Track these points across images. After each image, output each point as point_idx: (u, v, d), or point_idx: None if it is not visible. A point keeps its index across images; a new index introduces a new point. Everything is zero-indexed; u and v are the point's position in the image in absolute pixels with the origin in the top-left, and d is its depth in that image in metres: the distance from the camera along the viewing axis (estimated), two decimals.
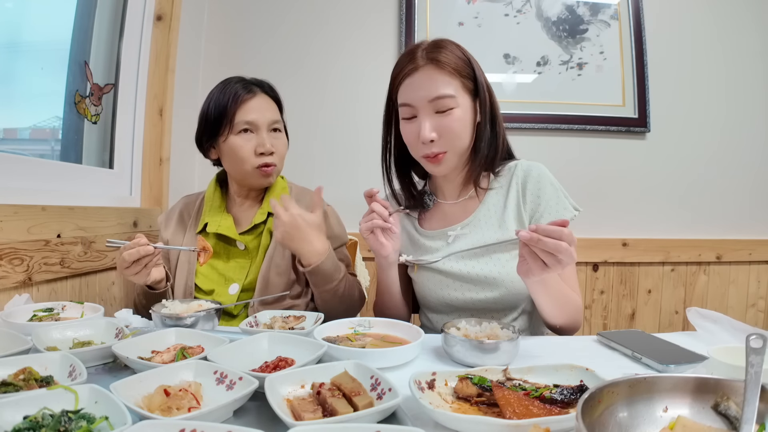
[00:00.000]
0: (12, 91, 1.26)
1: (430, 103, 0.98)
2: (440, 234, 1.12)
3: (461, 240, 1.09)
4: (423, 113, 0.99)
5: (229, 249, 1.21)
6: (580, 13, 2.05)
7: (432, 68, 0.98)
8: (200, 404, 0.55)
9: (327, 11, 2.01)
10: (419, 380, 0.60)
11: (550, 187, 1.07)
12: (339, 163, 1.98)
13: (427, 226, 1.16)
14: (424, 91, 0.98)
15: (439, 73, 0.98)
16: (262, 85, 1.21)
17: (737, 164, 2.10)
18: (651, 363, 0.75)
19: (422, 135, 0.98)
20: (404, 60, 1.02)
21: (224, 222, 1.20)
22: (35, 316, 0.91)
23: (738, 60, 2.11)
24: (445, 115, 0.99)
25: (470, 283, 1.06)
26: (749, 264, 2.11)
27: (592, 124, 2.03)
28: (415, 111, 1.01)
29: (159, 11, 1.64)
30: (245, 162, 1.15)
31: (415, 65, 0.99)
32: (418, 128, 1.00)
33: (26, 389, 0.55)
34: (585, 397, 0.44)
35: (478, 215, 1.10)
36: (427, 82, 0.98)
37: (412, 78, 1.00)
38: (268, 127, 1.17)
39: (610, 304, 2.06)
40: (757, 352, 0.47)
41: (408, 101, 1.01)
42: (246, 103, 1.14)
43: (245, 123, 1.14)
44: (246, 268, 1.18)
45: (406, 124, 1.04)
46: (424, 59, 0.99)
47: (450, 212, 1.14)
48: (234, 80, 1.18)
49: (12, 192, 1.07)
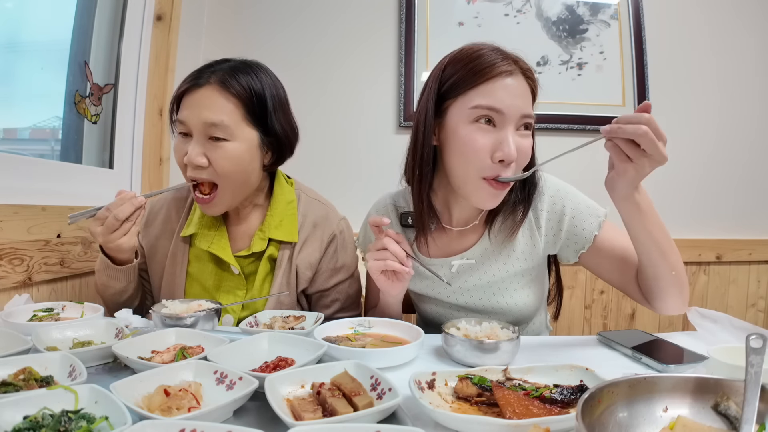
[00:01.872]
0: (12, 91, 1.26)
1: (520, 119, 0.86)
2: (442, 263, 1.00)
3: (467, 271, 0.99)
4: (510, 125, 0.85)
5: (220, 274, 1.06)
6: (580, 13, 2.05)
7: (524, 80, 0.87)
8: (200, 404, 0.55)
9: (327, 11, 2.01)
10: (419, 380, 0.60)
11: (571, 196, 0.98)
12: (339, 163, 1.98)
13: (427, 252, 1.02)
14: (519, 101, 0.85)
15: (527, 89, 0.88)
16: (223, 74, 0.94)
17: (737, 164, 2.10)
18: (651, 363, 0.75)
19: (507, 151, 0.82)
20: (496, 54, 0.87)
21: (218, 240, 1.03)
22: (35, 316, 0.91)
23: (737, 60, 2.11)
24: (525, 137, 0.87)
25: (478, 313, 1.02)
26: (749, 264, 2.11)
27: (592, 124, 2.03)
28: (500, 119, 0.84)
29: (159, 11, 1.64)
30: (181, 171, 0.97)
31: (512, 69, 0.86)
32: (498, 141, 0.83)
33: (26, 389, 0.55)
34: (585, 397, 0.44)
35: (484, 244, 0.99)
36: (522, 93, 0.86)
37: (506, 81, 0.85)
38: (203, 131, 0.92)
39: (610, 304, 2.06)
40: (757, 352, 0.47)
41: (499, 107, 0.84)
42: (185, 96, 0.94)
43: (178, 123, 0.95)
44: (241, 299, 1.04)
45: (479, 131, 0.85)
46: (519, 68, 0.87)
47: (454, 239, 1.01)
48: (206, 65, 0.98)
49: (12, 192, 1.07)
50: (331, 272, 1.08)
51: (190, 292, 1.07)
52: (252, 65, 1.00)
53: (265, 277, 1.06)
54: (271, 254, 1.05)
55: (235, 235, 1.07)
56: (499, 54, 0.86)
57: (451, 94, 0.88)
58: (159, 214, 1.12)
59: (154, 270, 1.10)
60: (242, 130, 0.95)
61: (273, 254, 1.06)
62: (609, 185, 0.78)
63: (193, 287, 1.07)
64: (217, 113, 0.92)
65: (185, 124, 0.94)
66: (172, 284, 1.07)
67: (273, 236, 1.04)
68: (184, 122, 0.94)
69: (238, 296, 1.05)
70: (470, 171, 0.87)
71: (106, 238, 0.90)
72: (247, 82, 0.95)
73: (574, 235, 0.97)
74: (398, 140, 1.99)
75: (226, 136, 0.93)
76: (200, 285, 1.07)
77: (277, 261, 1.06)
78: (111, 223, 0.89)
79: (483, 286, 1.00)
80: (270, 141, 1.00)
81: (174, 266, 1.07)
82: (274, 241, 1.05)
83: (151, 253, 1.10)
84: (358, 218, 1.22)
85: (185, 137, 0.96)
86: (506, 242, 0.98)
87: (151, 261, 1.11)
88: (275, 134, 1.00)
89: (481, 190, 0.87)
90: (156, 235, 1.10)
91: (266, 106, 0.97)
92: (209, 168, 0.94)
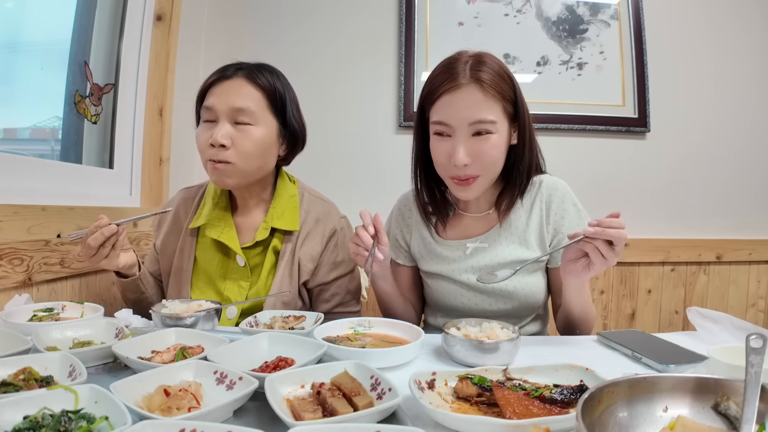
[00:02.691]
0: (12, 90, 1.26)
1: (469, 126, 0.93)
2: (458, 245, 1.09)
3: (479, 253, 1.07)
4: (459, 135, 0.94)
5: (226, 262, 1.10)
6: (580, 13, 2.06)
7: (475, 89, 0.92)
8: (200, 404, 0.55)
9: (326, 11, 2.01)
10: (419, 380, 0.60)
11: (573, 209, 1.06)
12: (339, 163, 1.98)
13: (444, 235, 1.12)
14: (464, 112, 0.92)
15: (482, 95, 0.92)
16: (250, 70, 1.05)
17: (737, 164, 2.10)
18: (651, 363, 0.75)
19: (456, 158, 0.93)
20: (443, 75, 0.95)
21: (227, 231, 1.09)
22: (35, 316, 0.91)
23: (738, 60, 2.11)
24: (482, 139, 0.94)
25: (486, 295, 1.06)
26: (749, 264, 2.11)
27: (592, 124, 2.03)
28: (450, 131, 0.95)
29: (159, 11, 1.64)
30: (201, 155, 1.04)
31: (456, 83, 0.92)
32: (452, 149, 0.94)
33: (26, 389, 0.55)
34: (585, 397, 0.44)
35: (499, 230, 1.07)
36: (468, 104, 0.92)
37: (452, 95, 0.93)
38: (230, 116, 1.00)
39: (610, 304, 2.06)
40: (757, 352, 0.47)
41: (444, 120, 0.95)
42: (213, 86, 1.03)
43: (205, 110, 1.03)
44: (245, 290, 1.08)
45: (438, 141, 0.98)
46: (467, 77, 0.92)
47: (470, 224, 1.11)
48: (230, 63, 1.08)
49: (12, 192, 1.07)
50: (332, 266, 1.12)
51: (197, 285, 1.11)
52: (271, 67, 1.11)
53: (270, 270, 1.09)
54: (275, 246, 1.10)
55: (240, 228, 1.12)
56: (447, 72, 0.95)
57: (426, 107, 1.01)
58: (169, 213, 1.18)
59: (164, 266, 1.15)
60: (265, 117, 1.04)
61: (277, 246, 1.10)
62: (572, 274, 0.89)
63: (200, 278, 1.11)
64: (244, 99, 1.01)
65: (213, 109, 1.01)
66: (180, 276, 1.11)
67: (275, 225, 1.08)
68: (211, 108, 1.01)
69: (243, 287, 1.09)
70: (441, 172, 1.02)
71: (88, 261, 0.96)
72: (269, 77, 1.06)
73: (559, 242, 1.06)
74: (398, 140, 1.99)
75: (251, 120, 1.02)
76: (206, 276, 1.11)
77: (280, 253, 1.10)
78: (86, 250, 0.94)
79: (493, 267, 1.05)
80: (286, 133, 1.09)
81: (182, 260, 1.12)
82: (277, 232, 1.10)
83: (162, 249, 1.16)
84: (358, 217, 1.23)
85: (210, 124, 1.02)
86: (518, 230, 1.07)
87: (162, 257, 1.16)
88: (291, 127, 1.09)
89: (451, 186, 1.02)
90: (166, 232, 1.16)
91: (285, 100, 1.08)
92: (231, 150, 1.00)
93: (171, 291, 1.12)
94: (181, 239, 1.13)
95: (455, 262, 1.08)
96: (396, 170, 1.98)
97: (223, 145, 0.99)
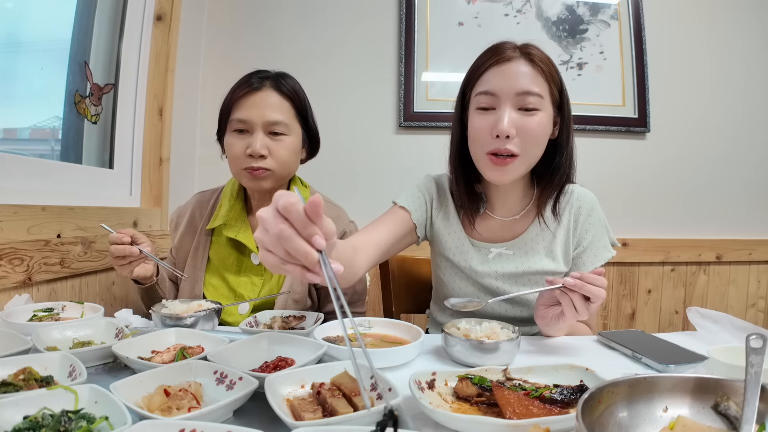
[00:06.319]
0: (12, 91, 1.26)
1: (516, 97, 0.90)
2: (483, 246, 1.05)
3: (503, 260, 1.04)
4: (504, 106, 0.90)
5: (241, 260, 1.15)
6: (580, 13, 2.05)
7: (524, 62, 0.91)
8: (200, 404, 0.55)
9: (326, 11, 2.01)
10: (419, 380, 0.60)
11: (599, 224, 1.05)
12: (338, 163, 1.98)
13: (470, 233, 1.08)
14: (513, 81, 0.89)
15: (531, 69, 0.91)
16: (275, 80, 1.10)
17: (737, 164, 2.10)
18: (651, 363, 0.75)
19: (500, 126, 0.88)
20: (490, 52, 0.94)
21: (244, 230, 1.14)
22: (35, 316, 0.91)
23: (738, 60, 2.11)
24: (529, 115, 0.90)
25: (505, 300, 1.04)
26: (749, 264, 2.11)
27: (592, 124, 2.03)
28: (495, 101, 0.91)
29: (159, 11, 1.64)
30: (235, 163, 1.09)
31: (506, 56, 0.91)
32: (495, 120, 0.90)
33: (26, 389, 0.55)
34: (585, 397, 0.44)
35: (526, 239, 1.04)
36: (517, 74, 0.90)
37: (500, 67, 0.91)
38: (265, 127, 1.07)
39: (610, 304, 2.06)
40: (757, 352, 0.47)
41: (491, 89, 0.91)
42: (243, 99, 1.07)
43: (238, 122, 1.07)
44: (258, 287, 1.12)
45: (479, 115, 0.93)
46: (516, 52, 0.92)
47: (496, 228, 1.07)
48: (251, 73, 1.11)
49: (12, 192, 1.07)
50: None
51: (209, 282, 1.14)
52: (288, 74, 1.15)
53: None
54: None
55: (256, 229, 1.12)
56: (494, 50, 0.94)
57: (469, 87, 0.99)
58: (184, 216, 1.22)
59: (179, 265, 1.19)
60: (295, 126, 1.12)
61: None
62: (543, 320, 0.88)
63: (213, 276, 1.15)
64: (277, 113, 1.08)
65: (247, 122, 1.07)
66: (194, 275, 1.15)
67: None
68: (246, 120, 1.07)
69: (255, 284, 1.13)
70: (477, 149, 0.96)
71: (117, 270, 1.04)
72: (292, 85, 1.12)
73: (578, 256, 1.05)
74: (398, 140, 1.99)
75: (285, 131, 1.09)
76: (219, 273, 1.15)
77: None
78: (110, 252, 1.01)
79: (516, 275, 1.03)
80: (307, 138, 1.17)
81: (195, 258, 1.16)
82: None
83: (178, 249, 1.20)
84: (358, 218, 1.25)
85: (242, 134, 1.08)
86: (545, 240, 1.04)
87: (178, 257, 1.20)
88: (311, 132, 1.17)
89: (486, 166, 0.95)
90: (182, 233, 1.20)
91: (306, 106, 1.15)
92: (268, 158, 1.07)
93: (184, 288, 1.15)
94: (196, 239, 1.18)
95: (481, 264, 1.04)
96: (396, 170, 1.98)
97: (262, 155, 1.06)
